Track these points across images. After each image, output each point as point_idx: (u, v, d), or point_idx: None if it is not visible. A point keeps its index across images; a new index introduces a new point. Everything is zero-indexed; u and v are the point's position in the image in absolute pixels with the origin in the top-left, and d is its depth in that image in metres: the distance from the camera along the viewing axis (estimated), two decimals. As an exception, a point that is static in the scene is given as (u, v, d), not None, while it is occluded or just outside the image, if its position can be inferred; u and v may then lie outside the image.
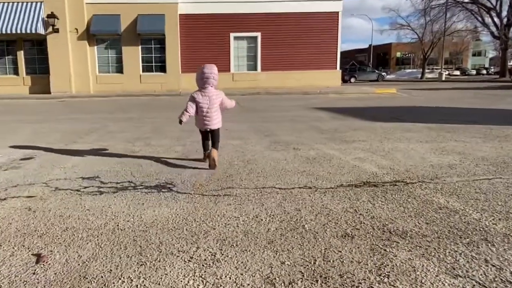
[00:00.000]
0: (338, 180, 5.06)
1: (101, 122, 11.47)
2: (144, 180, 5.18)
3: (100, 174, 5.49)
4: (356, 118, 11.65)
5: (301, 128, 9.80)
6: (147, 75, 26.46)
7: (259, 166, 5.83)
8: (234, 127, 10.04)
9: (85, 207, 4.21)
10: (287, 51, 27.81)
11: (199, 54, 27.00)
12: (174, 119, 11.90)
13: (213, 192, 4.66)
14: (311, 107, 15.48)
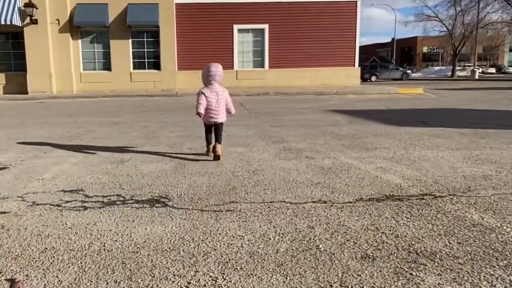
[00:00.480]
0: (357, 194, 5.04)
1: (85, 127, 11.50)
2: (134, 193, 5.18)
3: (84, 187, 5.49)
4: (378, 122, 11.64)
5: (314, 133, 9.79)
6: (138, 73, 26.59)
7: (266, 177, 5.82)
8: (238, 132, 10.05)
9: (66, 225, 4.20)
10: (299, 46, 27.89)
11: (198, 49, 27.13)
12: (169, 123, 11.93)
13: (214, 207, 4.65)
14: (326, 109, 15.47)
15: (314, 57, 28.05)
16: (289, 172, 6.12)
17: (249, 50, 28.05)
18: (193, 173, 6.16)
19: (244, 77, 27.71)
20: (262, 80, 27.95)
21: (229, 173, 6.13)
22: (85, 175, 6.08)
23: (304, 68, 28.06)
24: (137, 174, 6.11)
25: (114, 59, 26.28)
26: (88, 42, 26.44)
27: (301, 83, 27.99)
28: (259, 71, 28.06)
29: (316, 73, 28.15)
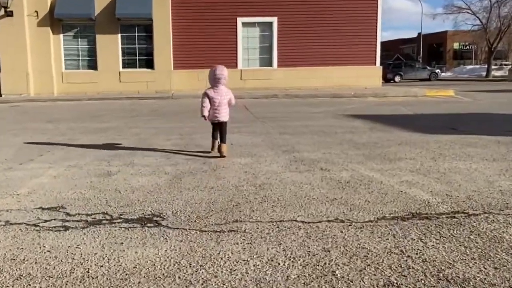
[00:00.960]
0: (379, 211, 5.02)
1: (67, 134, 11.53)
2: (123, 211, 5.17)
3: (66, 203, 5.49)
4: (403, 128, 11.63)
5: (330, 141, 9.79)
6: (128, 72, 26.72)
7: (275, 192, 5.81)
8: (243, 140, 10.06)
9: (44, 248, 4.19)
10: (312, 42, 27.95)
11: (196, 45, 27.21)
12: (163, 130, 11.96)
13: (215, 227, 4.64)
14: (343, 114, 15.48)
15: (329, 55, 28.10)
16: (301, 186, 6.11)
17: (255, 47, 28.12)
18: (190, 187, 6.15)
19: (250, 77, 27.78)
20: (270, 80, 28.00)
21: (232, 187, 6.12)
22: (66, 190, 6.08)
23: (318, 67, 28.10)
24: (126, 189, 6.11)
25: (100, 57, 26.42)
26: (71, 37, 26.59)
27: (314, 84, 28.03)
28: (267, 70, 28.13)
29: (332, 73, 28.18)
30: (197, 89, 26.86)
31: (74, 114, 17.04)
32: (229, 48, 27.57)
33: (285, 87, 27.77)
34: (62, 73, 26.38)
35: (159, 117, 15.43)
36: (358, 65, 28.35)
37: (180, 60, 27.15)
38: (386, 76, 47.59)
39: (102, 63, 26.40)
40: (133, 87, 26.39)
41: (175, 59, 27.11)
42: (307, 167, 7.32)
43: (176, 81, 26.95)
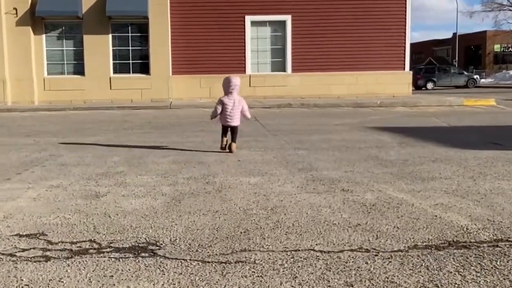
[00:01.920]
0: (410, 239, 4.99)
1: (49, 150, 11.56)
2: (113, 238, 5.16)
3: (47, 230, 5.48)
4: (437, 143, 11.62)
5: (353, 158, 9.79)
6: (120, 78, 26.79)
7: (289, 217, 5.80)
8: (252, 157, 10.08)
9: (22, 281, 4.19)
10: (332, 43, 27.96)
11: (198, 47, 27.25)
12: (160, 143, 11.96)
13: (220, 257, 4.62)
14: (367, 126, 15.48)
15: (352, 58, 28.09)
16: (320, 210, 6.09)
17: (265, 49, 28.19)
18: (191, 211, 6.15)
19: (260, 84, 27.79)
20: (284, 87, 28.02)
21: (240, 211, 6.11)
22: (48, 214, 6.08)
23: (339, 72, 28.09)
24: (117, 213, 6.10)
25: (88, 61, 26.51)
26: (55, 38, 26.73)
27: (334, 92, 28.03)
28: (280, 76, 28.15)
29: (355, 79, 28.18)
30: (199, 97, 26.92)
31: (57, 126, 17.09)
32: (236, 50, 27.62)
33: (301, 95, 27.78)
34: (44, 79, 26.47)
35: (155, 130, 15.47)
36: (385, 70, 28.33)
37: (180, 64, 27.20)
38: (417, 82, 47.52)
39: (90, 68, 26.48)
40: (125, 95, 26.45)
41: (174, 63, 27.15)
42: (326, 187, 7.30)
43: (175, 88, 26.99)
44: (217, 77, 26.81)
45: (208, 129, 14.83)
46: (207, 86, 27.08)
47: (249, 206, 6.31)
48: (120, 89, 26.55)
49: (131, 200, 6.72)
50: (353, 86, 28.19)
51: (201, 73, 26.89)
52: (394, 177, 7.94)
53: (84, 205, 6.52)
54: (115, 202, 6.66)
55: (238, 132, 11.02)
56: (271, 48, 28.18)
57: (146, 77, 26.79)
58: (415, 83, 44.59)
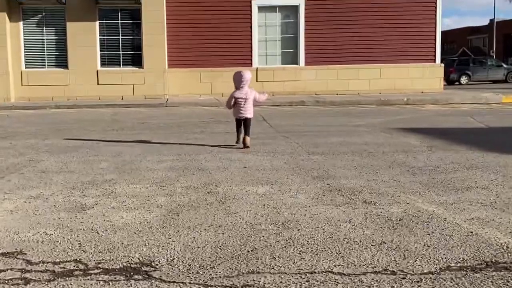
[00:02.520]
0: (442, 259, 4.96)
1: (27, 154, 11.57)
2: (102, 258, 5.14)
3: (25, 248, 5.46)
4: (472, 147, 11.59)
5: (376, 165, 9.77)
6: (109, 72, 26.87)
7: (303, 233, 5.77)
8: (260, 162, 10.08)
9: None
10: (351, 32, 27.94)
11: (198, 36, 27.26)
12: (154, 149, 11.97)
13: (224, 280, 4.61)
14: (392, 127, 15.46)
15: (375, 49, 28.08)
16: (338, 225, 6.06)
17: (275, 38, 28.22)
18: (191, 225, 6.12)
19: (268, 78, 27.80)
20: (296, 82, 28.06)
21: (247, 225, 6.08)
22: (26, 230, 6.06)
23: (360, 65, 28.10)
24: (106, 228, 6.08)
25: (72, 52, 26.59)
26: (34, 25, 26.81)
27: (354, 87, 28.04)
28: (291, 69, 28.19)
29: (378, 73, 28.19)
30: (199, 94, 26.94)
31: (37, 126, 17.12)
32: (241, 40, 27.65)
33: (316, 91, 27.81)
34: (22, 73, 26.57)
35: (149, 131, 15.48)
36: (413, 62, 28.33)
37: (177, 56, 27.24)
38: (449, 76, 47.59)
39: (75, 60, 26.55)
40: (115, 91, 26.51)
41: (171, 55, 27.21)
42: (345, 199, 7.27)
43: (172, 84, 27.03)
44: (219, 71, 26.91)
45: (209, 130, 14.83)
46: (208, 81, 27.14)
47: (257, 220, 6.28)
48: (109, 84, 26.61)
49: (122, 213, 6.71)
50: (376, 81, 28.20)
51: (201, 66, 26.94)
52: (423, 187, 7.90)
53: (68, 218, 6.50)
54: (104, 215, 6.64)
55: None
56: (282, 37, 28.21)
57: (139, 71, 26.84)
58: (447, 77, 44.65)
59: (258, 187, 8.03)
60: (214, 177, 8.85)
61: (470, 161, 9.90)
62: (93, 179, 8.84)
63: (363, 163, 9.93)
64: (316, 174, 8.93)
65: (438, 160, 10.08)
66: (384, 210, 6.65)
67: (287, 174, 8.98)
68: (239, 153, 10.54)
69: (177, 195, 7.62)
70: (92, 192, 7.90)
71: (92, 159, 10.81)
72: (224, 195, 7.60)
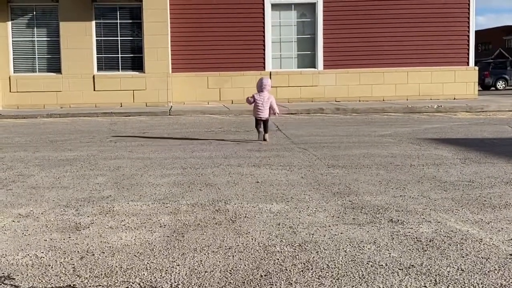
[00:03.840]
0: (477, 285, 4.93)
1: (16, 168, 11.60)
2: (99, 283, 5.14)
3: (14, 272, 5.47)
4: (510, 160, 11.58)
5: (404, 179, 9.75)
6: (107, 77, 26.94)
7: (323, 256, 5.76)
8: (274, 177, 10.07)
9: (-16, 337, 4.17)
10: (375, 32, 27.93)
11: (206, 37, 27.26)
12: (157, 161, 11.98)
13: (233, 307, 4.58)
14: (422, 137, 15.46)
15: (401, 51, 28.05)
16: (362, 247, 6.03)
17: (290, 39, 28.26)
18: (198, 247, 6.11)
19: (283, 83, 27.78)
20: (314, 88, 28.06)
21: (259, 247, 6.06)
22: (15, 252, 6.06)
23: (384, 68, 28.09)
24: (103, 250, 6.08)
25: (66, 55, 26.67)
26: (24, 25, 26.92)
27: (379, 93, 28.02)
28: (308, 73, 28.19)
29: (405, 77, 28.15)
30: (207, 101, 26.96)
31: (26, 137, 17.17)
32: (253, 41, 27.68)
33: (336, 98, 27.81)
34: (10, 78, 26.66)
35: (151, 142, 15.51)
36: (443, 65, 28.29)
37: (182, 59, 27.26)
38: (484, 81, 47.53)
39: (69, 64, 26.64)
40: (113, 98, 26.58)
41: (175, 58, 27.23)
42: (369, 217, 7.25)
43: (176, 90, 27.08)
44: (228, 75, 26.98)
45: (217, 141, 14.84)
46: (216, 87, 27.18)
47: (270, 241, 6.27)
48: (107, 90, 26.67)
49: (120, 234, 6.70)
50: (403, 86, 28.16)
51: (209, 70, 27.00)
52: (456, 204, 7.87)
53: (61, 239, 6.50)
54: (101, 236, 6.64)
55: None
56: (297, 38, 28.25)
57: (139, 76, 26.90)
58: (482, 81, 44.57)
59: (272, 204, 8.02)
60: (223, 193, 8.85)
61: (508, 175, 9.88)
62: (88, 196, 8.85)
63: (389, 177, 9.92)
64: (336, 190, 8.92)
65: (473, 174, 10.05)
66: (413, 230, 6.62)
67: (304, 190, 8.97)
68: (251, 167, 10.52)
69: (182, 214, 7.61)
70: (88, 210, 7.91)
71: (87, 174, 10.82)
72: (234, 213, 7.59)
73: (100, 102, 26.43)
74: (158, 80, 26.68)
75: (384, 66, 27.99)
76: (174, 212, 7.71)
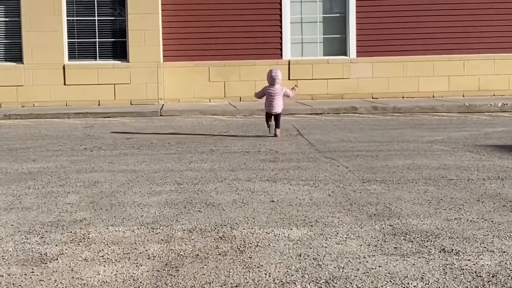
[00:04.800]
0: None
1: (-32, 183, 11.61)
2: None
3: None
4: None
5: (459, 197, 9.74)
6: (81, 67, 27.02)
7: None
8: (294, 194, 10.09)
9: None
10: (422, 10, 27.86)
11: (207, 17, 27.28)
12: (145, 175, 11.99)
13: None
14: (482, 144, 15.51)
15: (456, 33, 27.97)
16: (406, 283, 6.03)
17: (314, 19, 28.27)
18: (196, 285, 6.11)
19: (305, 75, 27.75)
20: (344, 81, 28.06)
21: (275, 284, 6.06)
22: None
23: (434, 56, 28.00)
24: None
25: (29, 39, 26.76)
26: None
27: (427, 87, 27.97)
28: (338, 62, 28.19)
29: (460, 67, 28.10)
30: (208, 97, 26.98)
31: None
32: (267, 21, 27.69)
33: (373, 94, 27.78)
34: (-42, 70, 26.80)
35: (137, 150, 15.57)
36: (509, 52, 28.19)
37: (177, 44, 27.28)
38: None
39: (32, 51, 26.72)
40: (89, 95, 26.63)
41: (168, 43, 27.28)
42: (416, 246, 7.23)
43: (169, 83, 27.10)
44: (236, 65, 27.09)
45: (221, 149, 14.85)
46: (220, 80, 27.16)
47: (289, 277, 6.25)
48: (81, 84, 26.72)
49: (97, 268, 6.70)
50: (458, 79, 28.12)
51: (211, 58, 27.04)
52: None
53: (21, 275, 6.50)
54: (72, 270, 6.64)
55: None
56: (324, 17, 28.27)
57: (122, 66, 26.95)
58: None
59: (292, 230, 8.00)
60: (229, 215, 8.85)
61: None
62: (57, 219, 8.84)
63: (440, 195, 9.90)
64: (373, 211, 8.91)
65: (548, 191, 10.05)
66: (471, 263, 6.60)
67: (332, 211, 8.96)
68: (264, 182, 10.51)
69: (177, 242, 7.59)
70: (56, 238, 7.90)
71: (56, 191, 10.83)
72: (243, 241, 7.58)
73: (72, 100, 26.44)
74: (146, 71, 26.65)
75: (434, 53, 27.87)
76: (166, 240, 7.70)
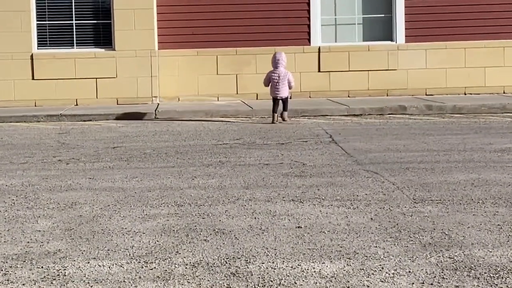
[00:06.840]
0: None
1: None
2: None
3: None
4: None
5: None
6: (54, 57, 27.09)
7: None
8: (327, 219, 10.09)
9: None
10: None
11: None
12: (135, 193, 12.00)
13: None
14: None
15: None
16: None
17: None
18: None
19: (340, 66, 27.83)
20: (389, 73, 28.09)
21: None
22: None
23: (504, 40, 27.96)
24: None
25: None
26: None
27: (495, 81, 28.00)
28: (381, 49, 28.26)
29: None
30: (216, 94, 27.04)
31: None
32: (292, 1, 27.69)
33: (426, 89, 27.80)
34: None
35: (125, 162, 15.64)
36: None
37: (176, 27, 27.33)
38: None
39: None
40: (64, 92, 26.71)
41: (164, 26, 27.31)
42: (483, 283, 7.16)
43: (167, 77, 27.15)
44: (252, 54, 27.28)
45: (233, 161, 14.86)
46: (231, 72, 27.22)
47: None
48: (53, 79, 26.82)
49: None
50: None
51: (219, 45, 27.08)
52: None
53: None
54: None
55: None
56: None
57: (107, 55, 27.05)
58: None
59: (324, 264, 7.97)
60: (244, 245, 8.82)
61: None
62: (24, 251, 8.85)
63: None
64: (428, 240, 8.88)
65: None
66: (554, 306, 6.58)
67: (376, 240, 8.94)
68: (288, 202, 10.50)
69: (177, 280, 7.56)
70: (23, 275, 7.88)
71: (23, 215, 10.84)
72: (262, 278, 7.54)
73: (43, 99, 26.51)
74: (137, 61, 26.69)
75: (506, 36, 27.90)
76: (163, 277, 7.66)
